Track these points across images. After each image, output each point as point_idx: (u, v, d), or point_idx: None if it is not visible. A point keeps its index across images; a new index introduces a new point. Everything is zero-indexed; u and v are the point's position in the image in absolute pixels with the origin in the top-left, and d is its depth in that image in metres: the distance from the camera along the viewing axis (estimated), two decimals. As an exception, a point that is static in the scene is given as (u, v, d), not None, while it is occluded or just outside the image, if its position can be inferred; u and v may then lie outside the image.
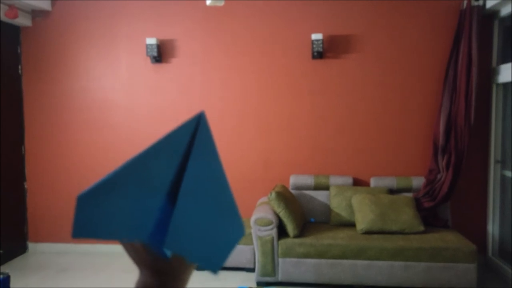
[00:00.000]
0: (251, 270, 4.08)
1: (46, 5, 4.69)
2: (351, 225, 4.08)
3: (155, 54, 4.54)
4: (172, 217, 0.58)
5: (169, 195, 0.61)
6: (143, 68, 4.70)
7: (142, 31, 4.65)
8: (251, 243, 4.01)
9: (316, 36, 4.33)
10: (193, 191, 0.61)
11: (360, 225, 3.91)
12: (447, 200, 4.17)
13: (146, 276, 0.61)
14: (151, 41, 4.53)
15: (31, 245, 4.93)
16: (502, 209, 4.25)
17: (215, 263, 0.61)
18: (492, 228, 4.31)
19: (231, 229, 0.65)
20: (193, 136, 0.65)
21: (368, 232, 3.88)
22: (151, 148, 0.62)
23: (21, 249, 4.83)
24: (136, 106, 4.74)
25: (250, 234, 3.96)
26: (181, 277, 0.62)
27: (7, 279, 2.98)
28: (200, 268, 0.61)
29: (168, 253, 0.61)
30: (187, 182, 0.60)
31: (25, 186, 4.91)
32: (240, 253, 4.09)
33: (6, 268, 4.23)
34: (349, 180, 4.37)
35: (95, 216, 0.57)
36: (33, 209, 4.91)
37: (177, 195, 0.60)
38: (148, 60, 4.67)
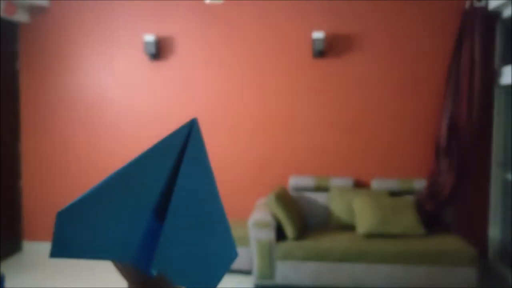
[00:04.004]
0: (249, 272, 4.03)
1: (44, 2, 4.63)
2: (352, 227, 4.04)
3: (153, 51, 4.49)
4: (161, 236, 0.54)
5: (156, 211, 0.56)
6: (140, 65, 4.65)
7: (140, 28, 4.60)
8: (249, 245, 3.96)
9: (317, 35, 4.27)
10: (183, 208, 0.56)
11: (361, 228, 3.87)
12: (449, 203, 4.12)
13: None
14: (149, 38, 4.48)
15: (26, 244, 4.87)
16: (504, 213, 4.21)
17: None
18: (493, 232, 4.27)
19: (223, 251, 0.60)
20: (184, 147, 0.61)
21: (368, 235, 3.83)
22: (138, 159, 0.57)
23: (16, 248, 4.77)
24: (134, 103, 4.68)
25: (248, 236, 3.91)
26: None
27: (1, 278, 2.92)
28: None
29: (155, 271, 0.58)
30: (177, 199, 0.56)
31: (21, 184, 4.85)
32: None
33: (0, 267, 4.18)
34: (349, 181, 4.32)
35: (76, 234, 0.52)
36: (28, 207, 4.85)
37: (165, 211, 0.56)
38: (146, 57, 4.61)
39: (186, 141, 0.61)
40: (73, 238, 0.52)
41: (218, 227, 0.60)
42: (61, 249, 0.51)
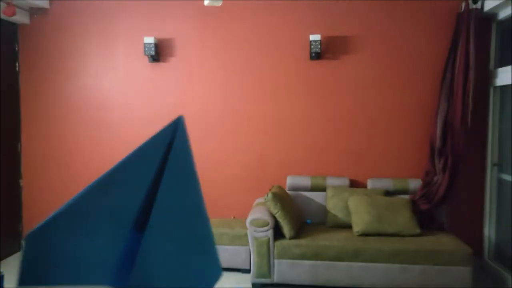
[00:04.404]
0: (247, 271, 4.06)
1: (44, 3, 4.67)
2: (348, 226, 4.07)
3: (152, 53, 4.53)
4: (138, 255, 0.46)
5: (137, 220, 0.48)
6: (140, 67, 4.69)
7: (140, 30, 4.64)
8: (247, 244, 4.00)
9: (314, 37, 4.32)
10: (163, 222, 0.47)
11: (357, 227, 3.91)
12: (443, 203, 4.16)
13: None
14: (149, 40, 4.52)
15: (26, 244, 4.90)
16: (499, 212, 4.25)
17: None
18: (488, 231, 4.31)
19: (207, 268, 0.52)
20: (169, 148, 0.53)
21: (364, 234, 3.87)
22: (119, 166, 0.52)
23: (16, 248, 4.80)
24: (133, 105, 4.72)
25: (246, 235, 3.95)
26: None
27: (1, 278, 2.95)
28: None
29: None
30: (158, 211, 0.48)
31: (21, 184, 4.88)
32: (235, 254, 4.08)
33: (0, 267, 4.20)
34: (346, 181, 4.36)
35: (48, 258, 0.41)
36: (28, 207, 4.89)
37: (146, 220, 0.47)
38: (146, 59, 4.65)
39: (171, 142, 0.53)
40: (44, 263, 0.40)
41: (202, 242, 0.51)
42: (29, 277, 0.39)
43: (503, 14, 4.04)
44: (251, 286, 3.84)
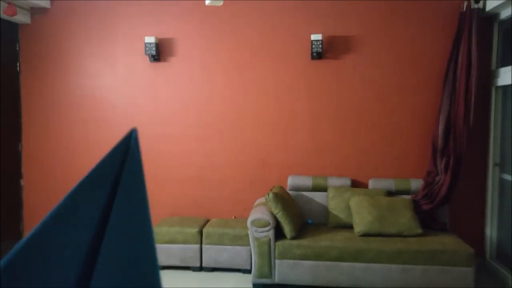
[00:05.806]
0: (248, 271, 4.06)
1: (45, 3, 4.67)
2: (349, 227, 4.06)
3: (153, 52, 4.52)
4: None
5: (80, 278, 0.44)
6: (141, 66, 4.68)
7: (140, 30, 4.63)
8: (248, 244, 3.99)
9: (316, 37, 4.31)
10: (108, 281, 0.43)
11: (358, 227, 3.89)
12: (445, 203, 4.15)
13: None
14: (150, 39, 4.51)
15: (26, 244, 4.89)
16: (501, 212, 4.23)
17: None
18: (490, 231, 4.30)
19: None
20: (116, 182, 0.44)
21: (366, 235, 3.86)
22: (56, 212, 0.42)
23: (17, 248, 4.80)
24: (134, 104, 4.71)
25: (247, 235, 3.94)
26: None
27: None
28: None
29: None
30: (101, 271, 0.44)
31: (22, 184, 4.88)
32: (236, 254, 4.07)
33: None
34: (347, 181, 4.35)
35: None
36: (29, 207, 4.88)
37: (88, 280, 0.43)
38: (147, 58, 4.64)
39: (120, 169, 0.44)
40: None
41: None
42: None
43: (504, 14, 4.03)
44: (252, 287, 3.83)
